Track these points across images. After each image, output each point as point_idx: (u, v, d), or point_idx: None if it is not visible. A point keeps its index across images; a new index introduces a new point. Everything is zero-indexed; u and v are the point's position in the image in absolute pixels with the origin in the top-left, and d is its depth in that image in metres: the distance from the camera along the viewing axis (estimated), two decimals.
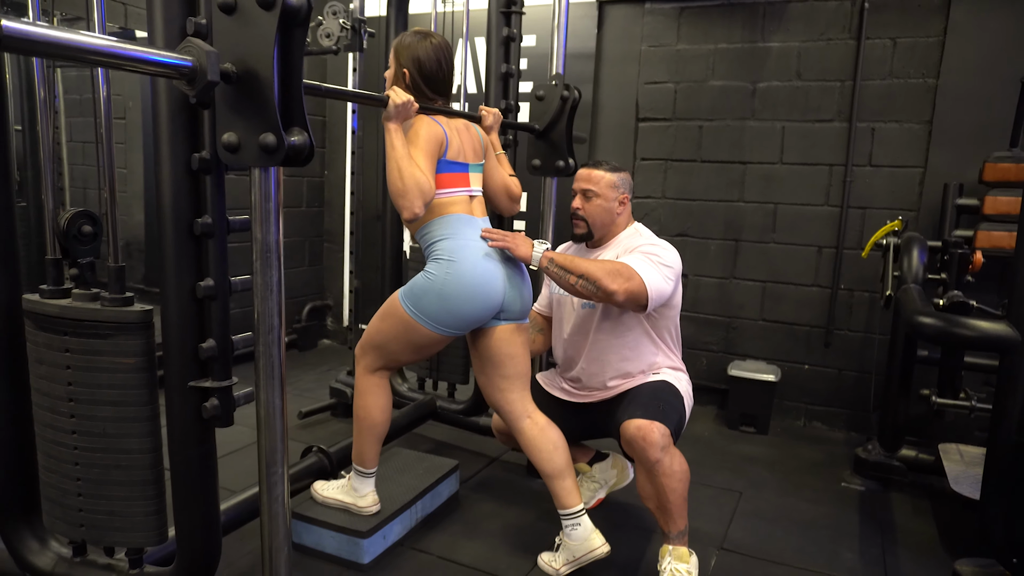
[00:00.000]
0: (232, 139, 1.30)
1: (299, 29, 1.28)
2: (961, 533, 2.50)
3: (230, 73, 1.26)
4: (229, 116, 1.31)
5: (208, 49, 1.19)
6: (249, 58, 1.26)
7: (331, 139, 4.77)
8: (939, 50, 3.20)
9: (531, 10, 3.64)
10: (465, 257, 1.98)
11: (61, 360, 1.60)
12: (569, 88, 2.57)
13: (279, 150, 1.27)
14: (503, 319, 2.10)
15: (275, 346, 1.43)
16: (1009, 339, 1.93)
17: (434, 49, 2.03)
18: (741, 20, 3.54)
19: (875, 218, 3.36)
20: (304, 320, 4.70)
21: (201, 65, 1.19)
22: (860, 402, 3.49)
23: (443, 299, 1.97)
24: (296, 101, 1.30)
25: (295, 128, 1.30)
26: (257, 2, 1.23)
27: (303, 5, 1.26)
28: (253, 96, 1.27)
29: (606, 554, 2.08)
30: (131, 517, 1.65)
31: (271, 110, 1.26)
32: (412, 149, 1.91)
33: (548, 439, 2.13)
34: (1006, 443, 1.98)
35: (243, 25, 1.26)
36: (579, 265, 2.04)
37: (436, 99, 2.07)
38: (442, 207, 2.03)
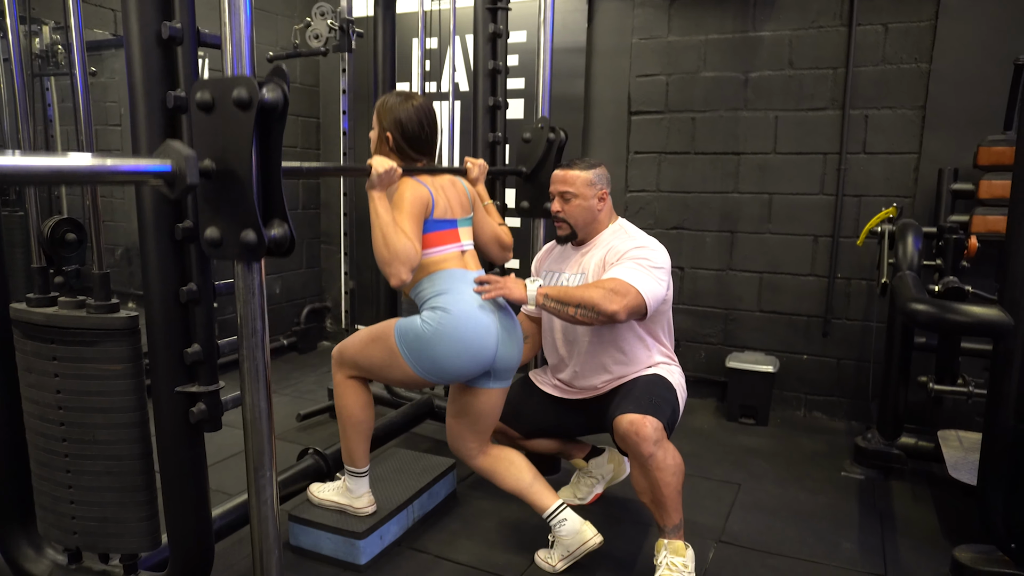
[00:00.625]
0: (214, 235, 1.31)
1: (277, 124, 1.29)
2: (961, 520, 2.49)
3: (210, 170, 1.27)
4: (210, 211, 1.32)
5: (187, 153, 1.19)
6: (228, 155, 1.27)
7: (325, 140, 4.77)
8: (931, 34, 3.18)
9: (521, 6, 3.64)
10: (461, 311, 1.97)
11: (49, 368, 1.61)
12: (555, 130, 2.60)
13: (260, 247, 1.29)
14: (492, 380, 2.10)
15: (259, 349, 1.43)
16: (1002, 323, 1.92)
17: (416, 111, 2.03)
18: (732, 10, 3.52)
19: (870, 205, 3.34)
20: (303, 322, 4.70)
21: (180, 169, 1.19)
22: (859, 391, 3.48)
23: (434, 352, 1.96)
24: (275, 195, 1.31)
25: (275, 220, 1.32)
26: (234, 103, 1.24)
27: (279, 100, 1.26)
28: (232, 192, 1.28)
29: (599, 544, 2.08)
30: (124, 523, 1.66)
31: (250, 207, 1.27)
32: (397, 213, 1.91)
33: (503, 460, 2.17)
34: (1002, 428, 1.97)
35: (221, 123, 1.27)
36: (574, 295, 2.04)
37: (420, 159, 2.07)
38: (435, 264, 2.03)
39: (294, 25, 3.19)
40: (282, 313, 4.60)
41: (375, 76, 3.17)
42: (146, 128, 1.45)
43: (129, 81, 1.44)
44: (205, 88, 1.26)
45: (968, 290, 2.45)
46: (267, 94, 1.24)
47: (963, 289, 2.45)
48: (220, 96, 1.25)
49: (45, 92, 3.57)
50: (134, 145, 1.46)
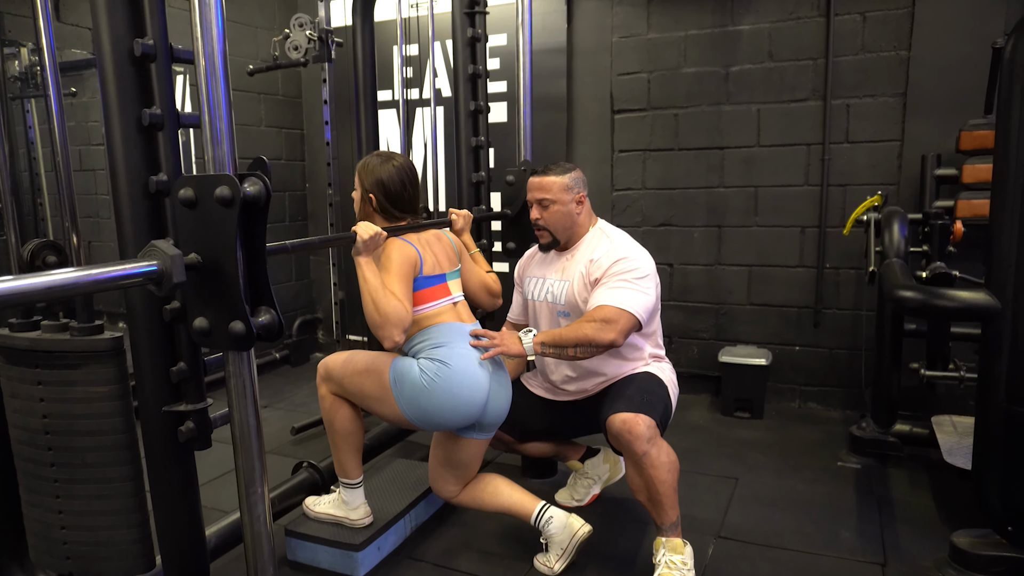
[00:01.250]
0: (203, 325, 1.34)
1: (260, 216, 1.30)
2: (958, 504, 2.49)
3: (196, 264, 1.29)
4: (198, 301, 1.34)
5: (173, 253, 1.21)
6: (213, 250, 1.29)
7: (311, 151, 4.76)
8: (909, 21, 3.19)
9: (500, 9, 3.64)
10: (459, 367, 1.97)
11: (35, 393, 1.59)
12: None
13: (249, 337, 1.31)
14: (476, 432, 2.11)
15: (245, 365, 1.42)
16: (989, 307, 1.92)
17: (397, 171, 2.04)
18: (710, 5, 3.53)
19: (856, 194, 3.35)
20: (295, 335, 4.68)
21: (167, 268, 1.21)
22: (853, 380, 3.48)
23: (426, 401, 1.96)
24: (262, 282, 1.33)
25: (262, 308, 1.34)
26: (217, 201, 1.25)
27: (261, 193, 1.28)
28: (219, 284, 1.30)
29: (589, 532, 2.09)
30: (116, 546, 1.64)
31: (238, 299, 1.29)
32: (386, 275, 1.92)
33: (479, 488, 2.19)
34: (995, 411, 1.97)
35: (205, 220, 1.29)
36: (568, 337, 2.05)
37: (404, 217, 2.08)
38: (428, 319, 2.03)
39: (273, 37, 3.18)
40: None
41: (356, 85, 3.16)
42: (122, 147, 1.44)
43: (103, 100, 1.43)
44: (188, 185, 1.28)
45: (955, 275, 2.46)
46: (248, 188, 1.26)
47: (950, 274, 2.45)
48: (203, 193, 1.27)
49: (26, 114, 3.55)
50: (111, 166, 1.45)
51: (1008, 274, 1.89)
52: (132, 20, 1.43)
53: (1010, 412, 1.93)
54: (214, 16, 1.34)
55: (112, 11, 1.40)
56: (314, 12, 3.14)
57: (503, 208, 2.78)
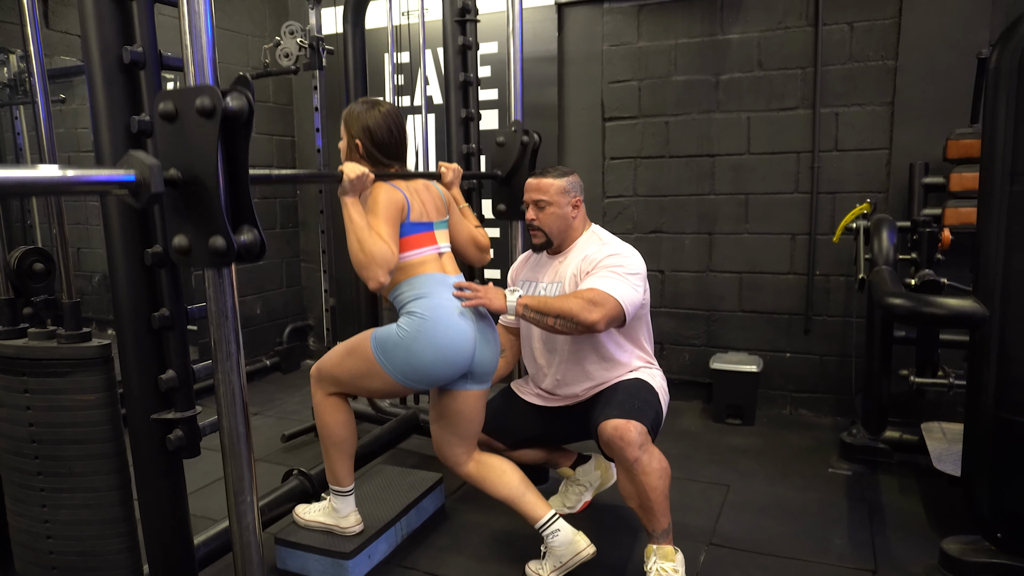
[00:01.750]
0: (183, 243, 1.31)
1: (242, 131, 1.28)
2: (948, 511, 2.50)
3: (175, 179, 1.26)
4: (178, 219, 1.31)
5: (151, 163, 1.17)
6: (193, 164, 1.27)
7: (301, 158, 4.75)
8: (896, 31, 3.22)
9: (492, 17, 3.66)
10: (439, 317, 1.97)
11: (21, 401, 1.58)
12: (528, 133, 2.61)
13: (229, 253, 1.28)
14: (470, 383, 2.10)
15: (235, 372, 1.41)
16: (977, 314, 1.94)
17: (383, 116, 2.03)
18: (700, 14, 3.56)
19: (845, 202, 3.37)
20: (285, 342, 4.66)
21: (144, 178, 1.18)
22: (843, 386, 3.50)
23: (411, 356, 1.95)
24: (244, 200, 1.31)
25: (244, 226, 1.31)
26: (198, 111, 1.23)
27: (244, 108, 1.25)
28: (200, 200, 1.28)
29: (592, 555, 2.06)
30: (103, 556, 1.62)
31: (218, 214, 1.27)
32: (372, 218, 1.91)
33: (494, 468, 2.16)
34: (983, 418, 1.98)
35: (185, 133, 1.26)
36: (552, 305, 2.04)
37: (391, 164, 2.07)
38: (413, 268, 2.02)
39: (264, 45, 3.18)
40: (264, 333, 4.56)
41: (347, 92, 3.16)
42: (111, 154, 1.43)
43: (92, 107, 1.42)
44: (168, 98, 1.25)
45: (944, 282, 2.48)
46: (231, 102, 1.23)
47: (939, 281, 2.47)
48: (183, 106, 1.24)
49: (14, 121, 3.53)
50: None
51: (995, 282, 1.91)
52: (121, 27, 1.42)
53: (998, 419, 1.94)
54: (204, 23, 1.34)
55: (101, 18, 1.40)
56: (305, 20, 3.15)
57: (493, 170, 2.73)
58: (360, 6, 3.16)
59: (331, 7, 4.22)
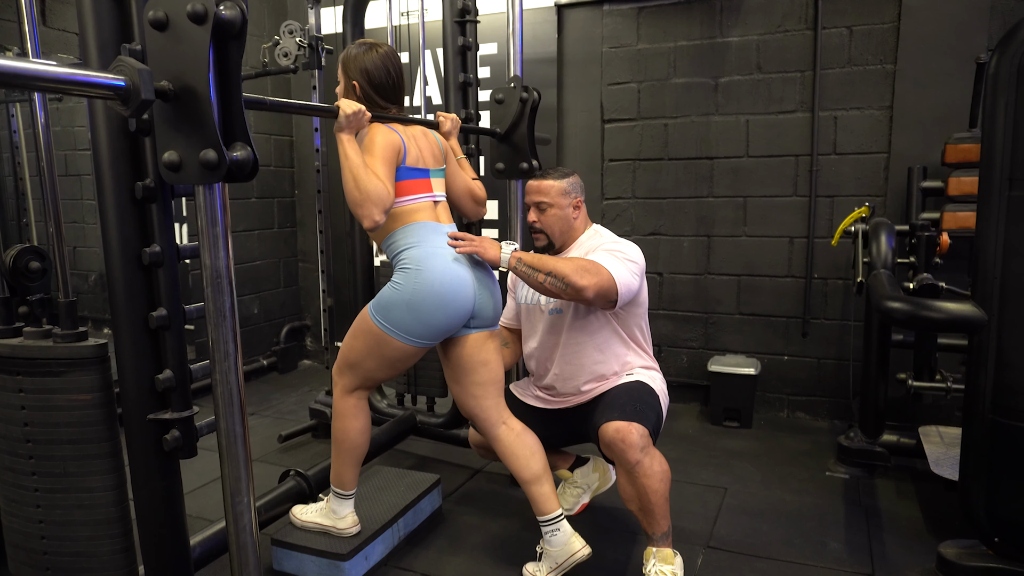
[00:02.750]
0: (173, 158, 1.27)
1: (234, 42, 1.25)
2: (946, 515, 2.50)
3: (166, 91, 1.23)
4: (169, 134, 1.28)
5: (140, 67, 1.14)
6: (185, 75, 1.24)
7: (300, 158, 4.74)
8: (895, 35, 3.23)
9: (491, 18, 3.65)
10: (433, 265, 1.95)
11: (16, 401, 1.56)
12: (528, 89, 2.56)
13: (220, 166, 1.24)
14: (474, 327, 2.07)
15: (232, 373, 1.40)
16: (975, 318, 1.94)
17: (381, 58, 2.01)
18: (699, 16, 3.56)
19: (843, 205, 3.38)
20: (283, 342, 4.65)
21: (134, 84, 1.15)
22: (841, 389, 3.50)
23: (412, 309, 1.93)
24: (236, 116, 1.28)
25: (237, 143, 1.28)
26: (188, 16, 1.20)
27: (237, 18, 1.23)
28: (191, 113, 1.25)
29: (587, 556, 2.06)
30: (98, 557, 1.61)
31: (210, 126, 1.24)
32: (368, 157, 1.88)
33: (525, 444, 2.12)
34: (980, 422, 1.98)
35: (176, 41, 1.23)
36: (547, 263, 2.03)
37: (389, 108, 2.05)
38: (406, 215, 1.99)
39: (263, 44, 3.17)
40: (261, 333, 4.54)
41: None
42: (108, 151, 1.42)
43: (90, 104, 1.41)
44: (159, 5, 1.22)
45: (942, 286, 2.48)
46: (224, 11, 1.20)
47: (937, 285, 2.47)
48: (174, 12, 1.21)
49: (11, 119, 3.52)
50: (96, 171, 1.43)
51: (993, 286, 1.91)
52: (119, 25, 1.41)
53: (996, 423, 1.95)
54: None
55: (99, 16, 1.38)
56: (304, 19, 3.13)
57: (492, 126, 2.68)
58: (359, 6, 3.15)
59: (330, 7, 4.22)
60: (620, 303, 2.09)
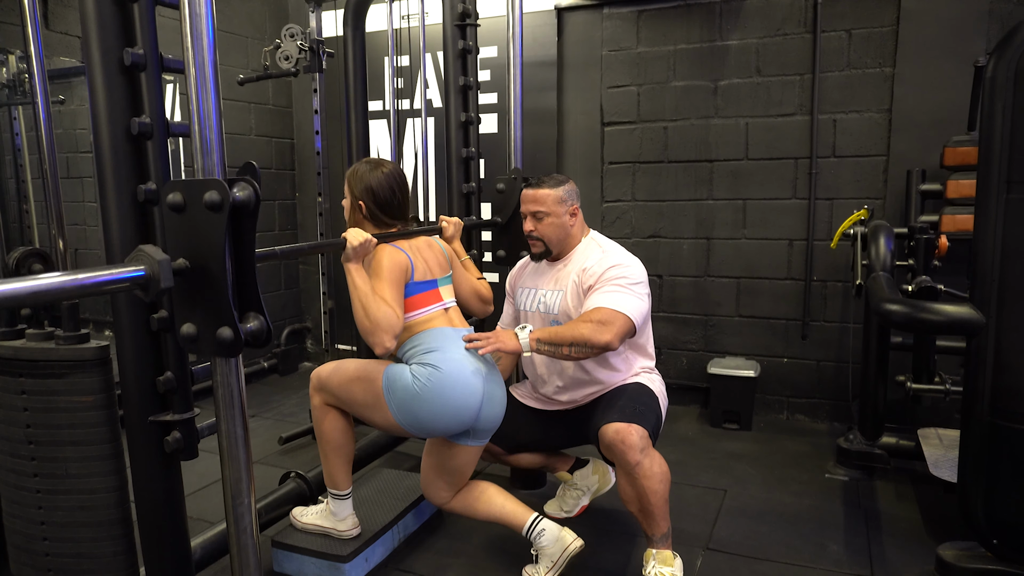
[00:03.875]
0: (191, 331, 1.32)
1: (248, 220, 1.29)
2: (944, 517, 2.50)
3: (183, 269, 1.28)
4: (186, 307, 1.33)
5: (160, 258, 1.20)
6: (201, 254, 1.28)
7: (300, 161, 4.75)
8: (893, 39, 3.24)
9: (491, 21, 3.67)
10: (451, 371, 1.97)
11: (18, 403, 1.58)
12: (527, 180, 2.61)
13: (236, 343, 1.30)
14: (471, 439, 2.10)
15: (233, 375, 1.41)
16: (973, 321, 1.95)
17: (386, 177, 2.05)
18: (699, 20, 3.57)
19: (842, 208, 3.39)
20: (283, 344, 4.66)
21: (154, 273, 1.20)
22: (840, 392, 3.50)
23: (419, 407, 1.96)
24: (250, 288, 1.32)
25: (251, 314, 1.33)
26: (206, 206, 1.24)
27: (251, 198, 1.27)
28: (207, 289, 1.29)
29: (581, 547, 2.07)
30: (99, 558, 1.62)
31: (226, 305, 1.28)
32: (377, 281, 1.92)
33: (470, 496, 2.18)
34: (979, 424, 1.99)
35: (193, 224, 1.27)
36: (565, 335, 2.05)
37: (394, 224, 2.08)
38: (420, 325, 2.04)
39: (264, 47, 3.18)
40: None
41: (347, 95, 3.16)
42: (111, 155, 1.43)
43: (92, 109, 1.42)
44: (176, 190, 1.27)
45: (940, 289, 2.49)
46: (238, 193, 1.25)
47: (935, 288, 2.48)
48: (191, 198, 1.26)
49: (13, 121, 3.53)
50: (99, 175, 1.44)
51: (991, 288, 1.92)
52: (122, 29, 1.43)
53: (994, 425, 1.95)
54: (205, 26, 1.34)
55: (102, 19, 1.40)
56: (305, 22, 3.16)
57: (493, 216, 2.78)
58: (360, 9, 3.17)
59: (331, 10, 4.22)
60: (639, 331, 2.14)
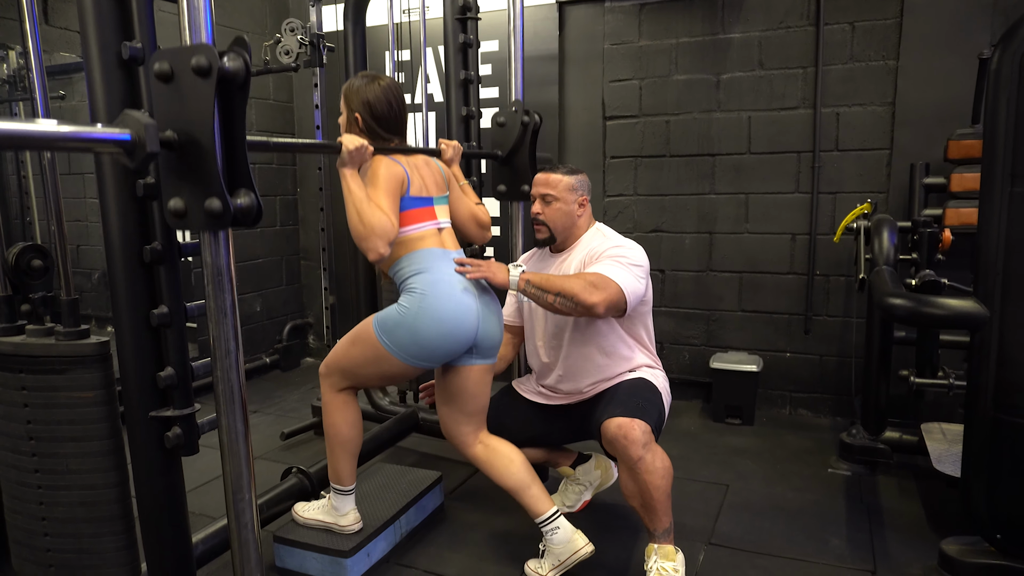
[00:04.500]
0: (178, 205, 1.29)
1: (239, 93, 1.27)
2: (948, 512, 2.50)
3: (171, 140, 1.25)
4: (174, 182, 1.30)
5: (146, 121, 1.15)
6: (190, 125, 1.25)
7: (301, 156, 4.73)
8: (897, 31, 3.22)
9: (492, 15, 3.65)
10: (439, 292, 1.96)
11: (19, 399, 1.58)
12: (529, 113, 2.59)
13: (225, 215, 1.26)
14: (475, 357, 2.09)
15: (233, 370, 1.40)
16: (977, 315, 1.94)
17: (383, 91, 2.02)
18: (701, 13, 3.55)
19: (845, 202, 3.37)
20: (285, 339, 4.65)
21: (139, 138, 1.15)
22: (843, 387, 3.50)
23: (415, 333, 1.94)
24: (241, 163, 1.29)
25: (241, 190, 1.30)
26: (193, 71, 1.21)
27: (240, 70, 1.24)
28: (196, 162, 1.26)
29: (591, 553, 2.06)
30: (101, 554, 1.62)
31: (215, 175, 1.25)
32: (372, 190, 1.90)
33: (502, 456, 2.14)
34: (982, 419, 1.98)
35: (181, 93, 1.25)
36: (555, 283, 2.03)
37: (391, 139, 2.06)
38: (412, 242, 2.01)
39: (264, 42, 3.17)
40: (263, 331, 4.55)
41: None
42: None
43: (91, 104, 1.42)
44: (163, 58, 1.24)
45: (944, 283, 2.48)
46: (228, 63, 1.22)
47: (939, 282, 2.47)
48: (179, 65, 1.23)
49: (13, 117, 3.53)
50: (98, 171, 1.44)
51: (995, 282, 1.91)
52: (120, 23, 1.42)
53: (998, 420, 1.94)
54: (203, 20, 1.33)
55: (100, 14, 1.39)
56: (306, 17, 3.13)
57: (494, 149, 2.70)
58: (361, 4, 3.15)
59: (332, 4, 4.22)
60: (629, 310, 2.11)
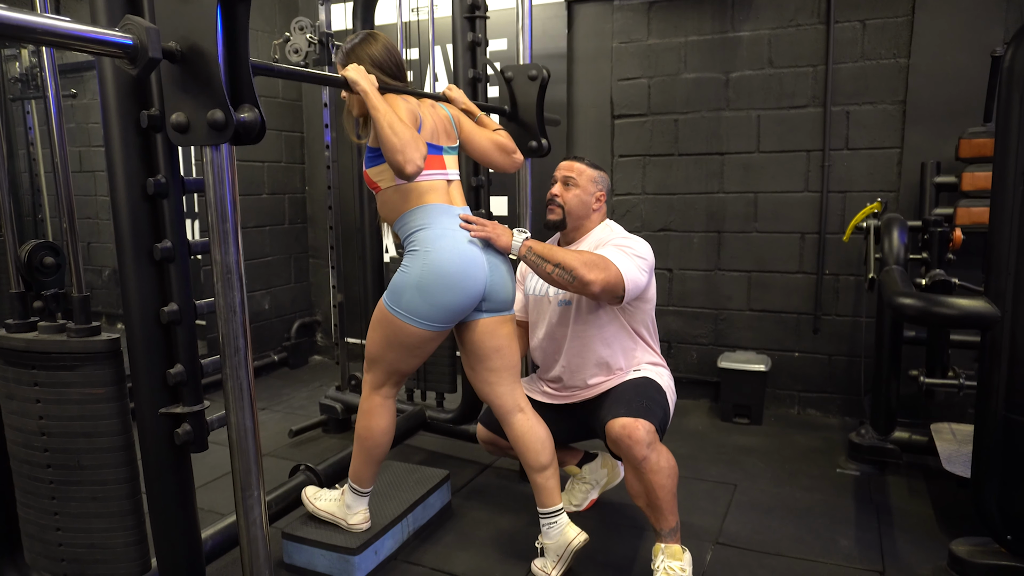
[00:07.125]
0: (181, 119, 1.28)
1: (242, 4, 1.26)
2: (957, 512, 2.48)
3: (174, 51, 1.24)
4: (177, 95, 1.28)
5: (148, 26, 1.14)
6: (193, 36, 1.24)
7: (310, 154, 4.76)
8: (908, 29, 3.20)
9: (501, 14, 3.65)
10: (442, 246, 1.94)
11: (31, 394, 1.59)
12: (537, 67, 2.52)
13: (228, 126, 1.25)
14: (486, 310, 2.06)
15: (242, 368, 1.41)
16: (988, 315, 1.92)
17: (381, 42, 2.02)
18: (710, 11, 3.54)
19: (855, 201, 3.35)
20: (293, 337, 4.67)
21: (142, 42, 1.14)
22: (852, 386, 3.48)
23: (422, 291, 1.92)
24: (244, 78, 1.28)
25: (244, 105, 1.29)
26: None
27: None
28: (199, 74, 1.25)
29: (585, 541, 2.07)
30: (112, 549, 1.63)
31: (218, 87, 1.24)
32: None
33: (537, 436, 2.12)
34: (993, 419, 1.97)
35: (184, 2, 1.24)
36: (556, 254, 2.03)
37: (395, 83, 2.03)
38: (420, 195, 1.98)
39: (273, 40, 3.18)
40: (272, 328, 4.57)
41: None
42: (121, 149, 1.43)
43: (102, 101, 1.42)
44: None
45: (955, 282, 2.46)
46: None
47: (950, 281, 2.45)
48: None
49: (26, 115, 3.56)
50: (109, 169, 1.45)
51: (1007, 282, 1.89)
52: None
53: (1009, 420, 1.93)
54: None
55: (112, 12, 1.40)
56: (315, 15, 3.15)
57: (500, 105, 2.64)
58: (370, 2, 3.16)
59: (341, 3, 4.22)
60: (627, 299, 2.10)
